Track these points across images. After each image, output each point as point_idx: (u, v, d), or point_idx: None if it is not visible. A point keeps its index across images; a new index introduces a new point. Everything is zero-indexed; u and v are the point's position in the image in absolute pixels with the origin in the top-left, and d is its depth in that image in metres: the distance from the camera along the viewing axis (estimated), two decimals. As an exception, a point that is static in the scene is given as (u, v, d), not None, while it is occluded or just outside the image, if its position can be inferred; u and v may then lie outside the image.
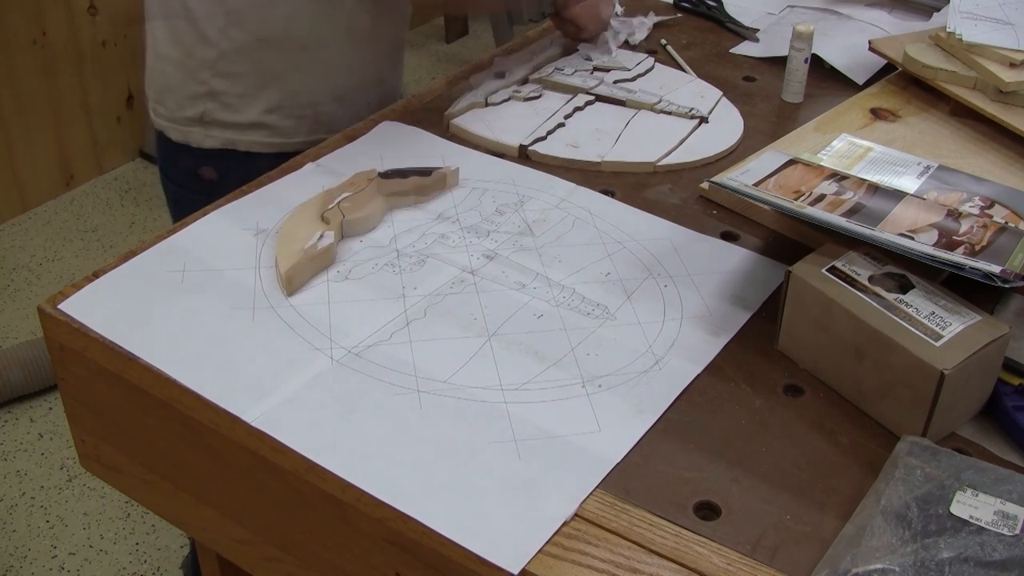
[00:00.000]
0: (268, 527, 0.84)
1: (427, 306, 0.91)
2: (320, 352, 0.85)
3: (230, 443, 0.81)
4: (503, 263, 0.96)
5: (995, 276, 0.78)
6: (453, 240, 0.99)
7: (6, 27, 2.54)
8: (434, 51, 3.68)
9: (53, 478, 1.98)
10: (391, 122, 1.19)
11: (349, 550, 0.78)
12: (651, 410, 0.81)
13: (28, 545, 1.84)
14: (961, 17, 1.22)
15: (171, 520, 0.96)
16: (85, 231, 2.69)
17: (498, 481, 0.74)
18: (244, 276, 0.94)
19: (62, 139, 2.77)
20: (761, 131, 1.20)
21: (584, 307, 0.91)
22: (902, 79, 1.26)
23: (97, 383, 0.90)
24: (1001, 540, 0.65)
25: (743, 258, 0.98)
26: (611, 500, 0.73)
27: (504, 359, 0.85)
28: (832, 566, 0.65)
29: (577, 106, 1.22)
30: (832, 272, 0.83)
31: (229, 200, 1.04)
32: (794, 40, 1.24)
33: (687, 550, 0.70)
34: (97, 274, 0.94)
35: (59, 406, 2.07)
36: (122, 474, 0.95)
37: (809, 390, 0.84)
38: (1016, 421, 0.79)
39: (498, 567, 0.68)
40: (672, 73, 1.31)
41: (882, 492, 0.69)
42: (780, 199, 0.90)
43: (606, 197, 1.07)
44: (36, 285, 2.49)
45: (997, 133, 1.14)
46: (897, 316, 0.79)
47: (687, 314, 0.91)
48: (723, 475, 0.76)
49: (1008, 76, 1.14)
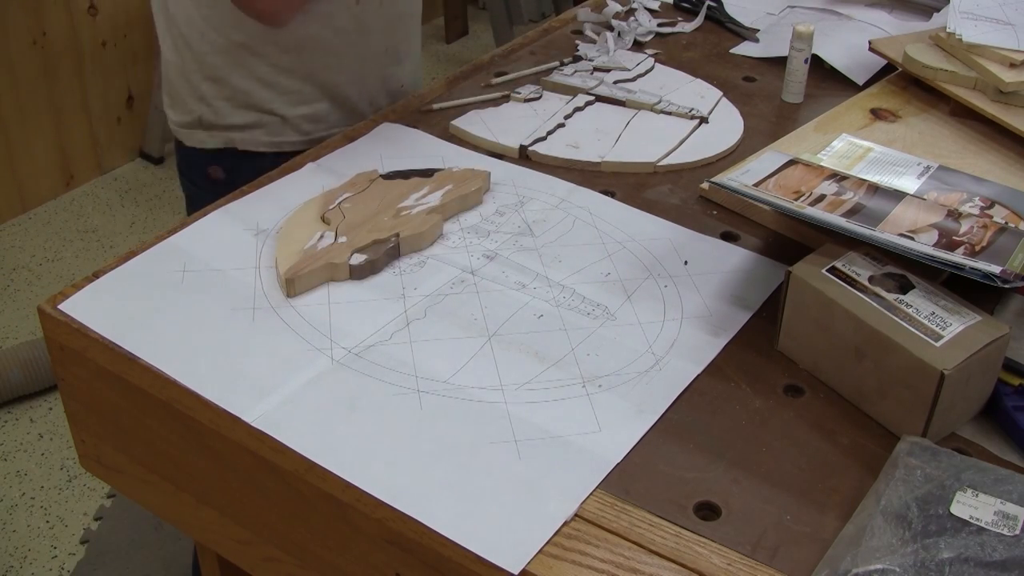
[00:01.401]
0: (268, 527, 0.84)
1: (427, 306, 0.91)
2: (320, 352, 0.85)
3: (230, 443, 0.81)
4: (503, 263, 0.96)
5: (995, 276, 0.78)
6: (453, 240, 0.99)
7: (6, 27, 2.54)
8: (434, 51, 3.68)
9: (53, 478, 1.98)
10: (391, 123, 1.19)
11: (349, 550, 0.78)
12: (651, 410, 0.81)
13: (28, 545, 1.84)
14: (961, 17, 1.22)
15: (171, 521, 0.96)
16: (85, 231, 2.69)
17: (498, 481, 0.74)
18: (244, 276, 0.94)
19: (62, 139, 2.77)
20: (761, 131, 1.20)
21: (584, 307, 0.91)
22: (902, 79, 1.26)
23: (97, 383, 0.90)
24: (1001, 540, 0.65)
25: (743, 258, 0.98)
26: (611, 500, 0.73)
27: (504, 359, 0.85)
28: (832, 566, 0.65)
29: (577, 106, 1.22)
30: (832, 272, 0.83)
31: (229, 200, 1.04)
32: (794, 40, 1.24)
33: (687, 550, 0.70)
34: (97, 274, 0.94)
35: (59, 406, 2.07)
36: (122, 474, 0.95)
37: (809, 390, 0.84)
38: (1016, 421, 0.79)
39: (498, 567, 0.68)
40: (672, 73, 1.31)
41: (882, 492, 0.69)
42: (780, 199, 0.90)
43: (606, 197, 1.07)
44: (36, 285, 2.49)
45: (997, 133, 1.14)
46: (897, 316, 0.79)
47: (687, 314, 0.91)
48: (723, 475, 0.76)
49: (1008, 76, 1.14)
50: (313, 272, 0.92)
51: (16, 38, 2.57)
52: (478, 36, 3.81)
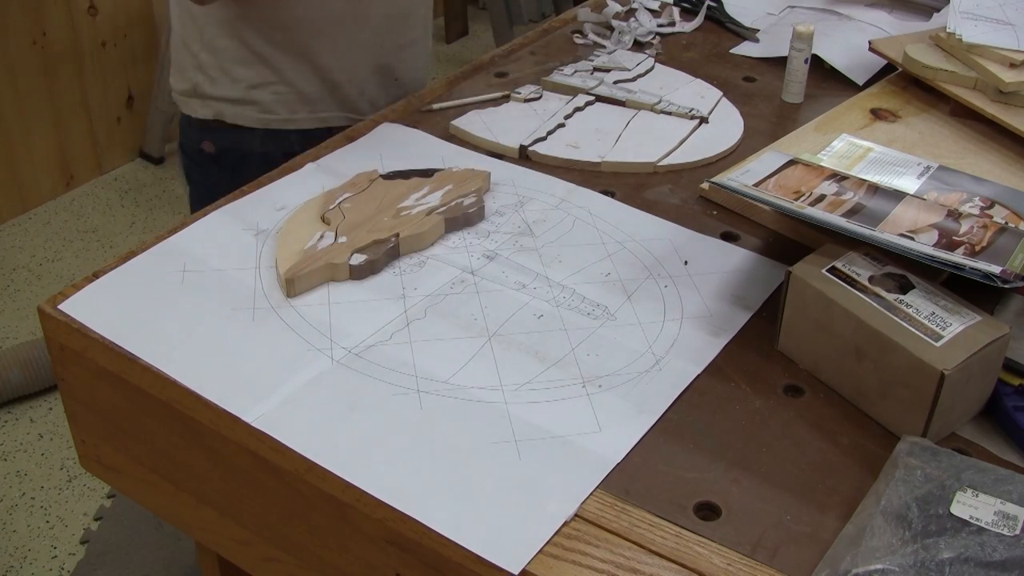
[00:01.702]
0: (268, 527, 0.84)
1: (427, 306, 0.91)
2: (320, 352, 0.85)
3: (230, 443, 0.81)
4: (503, 263, 0.96)
5: (995, 276, 0.78)
6: (453, 240, 0.99)
7: (6, 27, 2.54)
8: (434, 51, 3.68)
9: (53, 478, 1.98)
10: (391, 123, 1.19)
11: (349, 550, 0.78)
12: (651, 410, 0.81)
13: (28, 545, 1.84)
14: (961, 17, 1.22)
15: (171, 521, 0.96)
16: (85, 231, 2.69)
17: (498, 481, 0.74)
18: (244, 276, 0.94)
19: (62, 139, 2.77)
20: (761, 131, 1.20)
21: (584, 307, 0.91)
22: (902, 79, 1.26)
23: (97, 383, 0.90)
24: (1001, 540, 0.65)
25: (743, 258, 0.98)
26: (611, 500, 0.73)
27: (504, 359, 0.85)
28: (832, 566, 0.65)
29: (577, 106, 1.22)
30: (832, 272, 0.83)
31: (229, 200, 1.04)
32: (794, 40, 1.24)
33: (687, 550, 0.70)
34: (97, 274, 0.94)
35: (59, 406, 2.07)
36: (122, 474, 0.95)
37: (809, 390, 0.84)
38: (1016, 421, 0.79)
39: (498, 567, 0.68)
40: (672, 73, 1.31)
41: (882, 492, 0.69)
42: (780, 199, 0.90)
43: (606, 197, 1.07)
44: (36, 285, 2.49)
45: (997, 133, 1.14)
46: (897, 316, 0.79)
47: (687, 314, 0.91)
48: (723, 475, 0.76)
49: (1008, 76, 1.14)
50: (313, 272, 0.92)
51: (16, 38, 2.57)
52: (478, 36, 3.81)
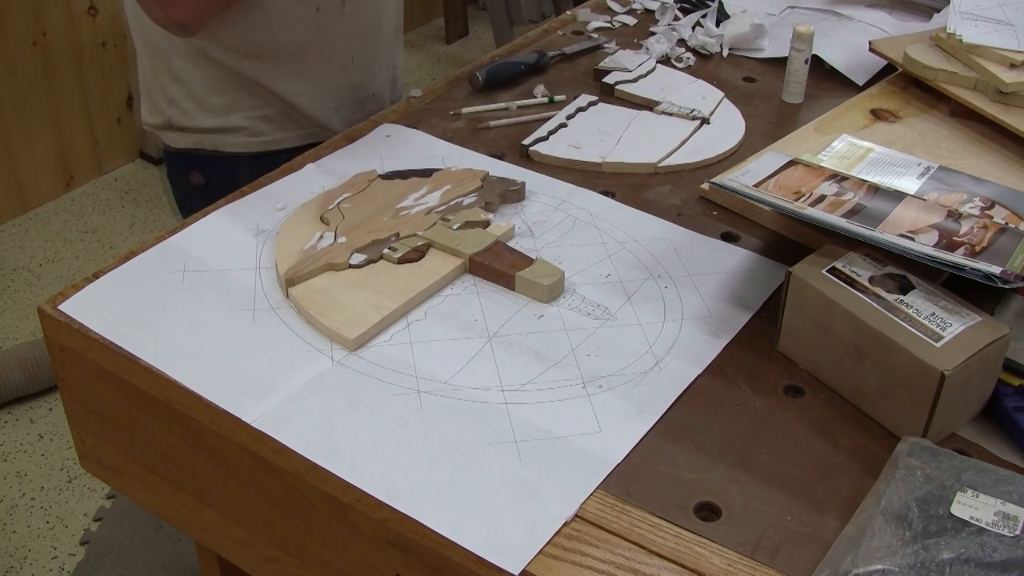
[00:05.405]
0: (268, 528, 0.84)
1: (427, 307, 0.91)
2: (320, 353, 0.85)
3: (230, 444, 0.81)
4: (503, 264, 0.96)
5: (995, 277, 0.78)
6: (453, 241, 0.99)
7: (6, 27, 2.54)
8: (434, 52, 3.68)
9: (53, 479, 1.98)
10: (391, 123, 1.19)
11: (349, 551, 0.78)
12: (651, 411, 0.81)
13: (28, 546, 1.84)
14: (961, 18, 1.22)
15: (171, 521, 0.96)
16: (85, 232, 2.69)
17: (498, 481, 0.74)
18: (244, 277, 0.94)
19: (62, 140, 2.77)
20: (761, 132, 1.20)
21: (585, 308, 0.91)
22: (902, 80, 1.26)
23: (97, 384, 0.90)
24: (1001, 541, 0.65)
25: (743, 259, 0.98)
26: (611, 501, 0.73)
27: (504, 360, 0.85)
28: (833, 567, 0.65)
29: (579, 107, 1.22)
30: (832, 273, 0.83)
31: (229, 200, 1.04)
32: (794, 41, 1.24)
33: (687, 551, 0.70)
34: (97, 275, 0.94)
35: (59, 407, 2.07)
36: (122, 475, 0.95)
37: (809, 391, 0.84)
38: (1016, 422, 0.79)
39: (498, 567, 0.68)
40: (674, 74, 1.31)
41: (882, 493, 0.69)
42: (780, 200, 0.90)
43: (606, 198, 1.07)
44: (36, 286, 2.49)
45: (997, 134, 1.14)
46: (897, 317, 0.79)
47: (687, 315, 0.91)
48: (723, 476, 0.76)
49: (1008, 77, 1.13)
50: (313, 272, 0.92)
51: (16, 38, 2.57)
52: (478, 36, 3.81)
